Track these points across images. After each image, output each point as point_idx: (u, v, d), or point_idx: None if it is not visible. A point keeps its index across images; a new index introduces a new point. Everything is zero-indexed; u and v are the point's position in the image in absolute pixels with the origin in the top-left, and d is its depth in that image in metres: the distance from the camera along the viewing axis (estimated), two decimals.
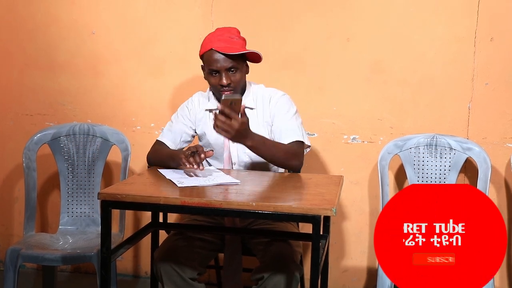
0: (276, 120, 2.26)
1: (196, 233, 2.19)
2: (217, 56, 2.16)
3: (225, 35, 2.20)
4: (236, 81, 2.19)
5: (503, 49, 2.65)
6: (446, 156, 2.62)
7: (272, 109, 2.28)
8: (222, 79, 2.17)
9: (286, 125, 2.23)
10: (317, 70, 2.82)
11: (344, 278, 2.94)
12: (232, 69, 2.18)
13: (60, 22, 3.00)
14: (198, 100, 2.38)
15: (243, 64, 2.23)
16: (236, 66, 2.18)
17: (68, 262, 2.39)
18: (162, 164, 2.24)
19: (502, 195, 2.74)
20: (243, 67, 2.23)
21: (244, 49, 2.20)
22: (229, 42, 2.18)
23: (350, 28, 2.76)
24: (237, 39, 2.21)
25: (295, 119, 2.27)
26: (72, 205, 2.76)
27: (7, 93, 3.10)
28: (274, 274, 1.97)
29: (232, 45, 2.18)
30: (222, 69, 2.16)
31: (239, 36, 2.25)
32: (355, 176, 2.85)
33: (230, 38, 2.19)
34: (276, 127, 2.25)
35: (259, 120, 2.28)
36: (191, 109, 2.37)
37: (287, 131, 2.22)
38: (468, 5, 2.65)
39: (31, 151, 2.69)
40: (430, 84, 2.73)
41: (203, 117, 2.35)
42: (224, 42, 2.17)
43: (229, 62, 2.16)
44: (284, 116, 2.25)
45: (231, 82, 2.18)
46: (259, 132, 2.18)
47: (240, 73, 2.20)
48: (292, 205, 1.70)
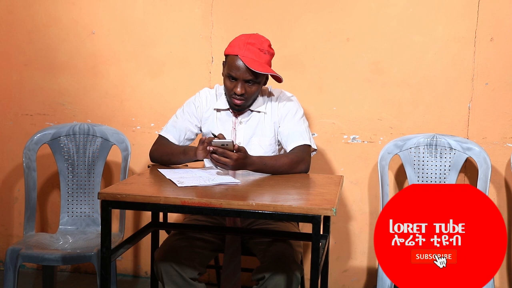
0: (283, 123, 2.27)
1: (196, 233, 2.20)
2: (240, 64, 2.14)
3: (256, 45, 2.16)
4: (250, 93, 2.19)
5: (503, 49, 2.65)
6: (446, 156, 2.62)
7: (280, 111, 2.29)
8: (237, 88, 2.16)
9: (293, 128, 2.25)
10: (317, 70, 2.82)
11: (344, 278, 2.94)
12: (251, 81, 2.17)
13: (59, 23, 3.00)
14: (206, 97, 2.36)
15: (263, 78, 2.21)
16: (255, 80, 2.17)
17: (68, 262, 2.39)
18: (167, 159, 2.24)
19: (502, 195, 2.74)
20: (262, 80, 2.22)
21: (268, 68, 2.17)
22: (257, 55, 2.15)
23: (350, 29, 2.77)
24: (265, 53, 2.17)
25: (302, 122, 2.29)
26: (72, 205, 2.76)
27: (7, 93, 3.10)
28: (275, 274, 1.97)
29: (259, 59, 2.15)
30: (241, 78, 2.15)
31: (269, 50, 2.20)
32: (355, 176, 2.85)
33: (259, 50, 2.16)
34: (283, 130, 2.27)
35: (267, 122, 2.29)
36: (198, 106, 2.35)
37: (294, 135, 2.24)
38: (468, 5, 2.66)
39: (31, 151, 2.69)
40: (430, 84, 2.73)
41: (210, 116, 2.33)
42: (252, 54, 2.14)
43: (249, 75, 2.14)
44: (292, 119, 2.27)
45: (245, 93, 2.17)
46: (267, 133, 2.25)
47: (257, 86, 2.19)
48: (292, 205, 1.70)
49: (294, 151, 2.22)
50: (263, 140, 2.29)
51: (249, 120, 2.30)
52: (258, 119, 2.30)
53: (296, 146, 2.22)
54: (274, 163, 2.14)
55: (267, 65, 2.18)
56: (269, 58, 2.20)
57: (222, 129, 2.30)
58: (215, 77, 2.87)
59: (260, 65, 2.14)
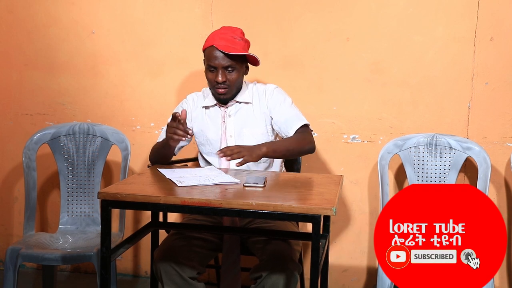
0: (275, 112, 2.32)
1: (195, 232, 2.20)
2: (217, 53, 2.20)
3: (229, 34, 2.24)
4: (231, 80, 2.24)
5: (503, 49, 2.65)
6: (446, 156, 2.62)
7: (268, 101, 2.33)
8: (218, 76, 2.22)
9: (288, 114, 2.30)
10: (317, 70, 2.82)
11: (344, 277, 2.94)
12: (230, 68, 2.22)
13: (59, 23, 3.00)
14: (192, 99, 2.43)
15: (242, 65, 2.27)
16: (234, 66, 2.22)
17: (68, 261, 2.39)
18: (160, 157, 2.31)
19: (502, 195, 2.74)
20: (242, 68, 2.27)
21: (244, 51, 2.25)
22: (231, 41, 2.22)
23: (350, 29, 2.76)
24: (239, 39, 2.25)
25: (294, 107, 2.35)
26: (72, 205, 2.76)
27: (7, 93, 3.09)
28: (273, 272, 1.98)
29: (233, 45, 2.22)
30: (220, 66, 2.21)
31: (243, 37, 2.29)
32: (355, 176, 2.85)
33: (232, 38, 2.24)
34: (279, 118, 2.31)
35: (256, 113, 2.33)
36: (186, 107, 2.39)
37: (292, 119, 2.29)
38: (468, 5, 2.65)
39: (31, 151, 2.69)
40: (430, 84, 2.73)
41: (199, 114, 2.38)
42: (226, 41, 2.21)
43: (227, 61, 2.20)
44: (282, 106, 2.32)
45: (226, 80, 2.23)
46: (257, 123, 2.31)
47: (237, 73, 2.24)
48: (292, 205, 1.70)
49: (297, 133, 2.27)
50: (255, 131, 2.32)
51: (237, 112, 2.33)
52: (246, 110, 2.33)
53: (297, 129, 2.27)
54: (282, 141, 2.23)
55: (242, 50, 2.23)
56: (244, 44, 2.27)
57: (211, 124, 2.34)
58: None
59: (235, 49, 2.20)
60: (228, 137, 2.31)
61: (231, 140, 2.31)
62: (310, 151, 2.26)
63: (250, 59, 2.30)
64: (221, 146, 2.31)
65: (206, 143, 2.35)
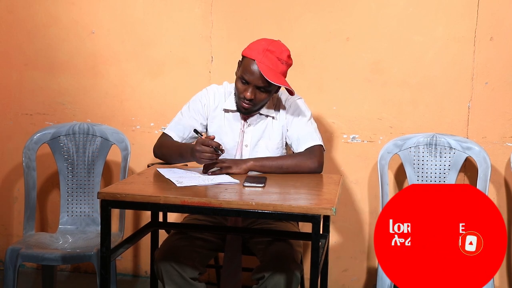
0: (291, 127, 2.26)
1: (196, 232, 2.19)
2: (255, 70, 2.09)
3: (275, 54, 2.11)
4: (259, 100, 2.15)
5: (503, 49, 2.65)
6: (446, 156, 2.62)
7: (288, 114, 2.28)
8: (248, 92, 2.12)
9: (302, 131, 2.24)
10: (317, 70, 2.82)
11: (344, 277, 2.94)
12: (262, 89, 2.13)
13: (59, 23, 3.00)
14: (213, 95, 2.31)
15: (274, 88, 2.18)
16: (268, 89, 2.14)
17: (67, 261, 2.39)
18: (170, 158, 2.25)
19: (502, 195, 2.74)
20: (273, 90, 2.19)
21: (282, 79, 2.12)
22: (275, 64, 2.10)
23: (350, 29, 2.77)
24: (283, 63, 2.13)
25: (311, 124, 2.27)
26: (72, 205, 2.76)
27: (6, 93, 3.09)
28: (275, 273, 1.97)
29: (276, 68, 2.10)
30: (253, 83, 2.12)
31: (288, 60, 2.16)
32: (355, 176, 2.85)
33: (277, 59, 2.11)
34: (293, 133, 2.25)
35: (275, 126, 2.28)
36: (205, 104, 2.30)
37: (305, 137, 2.23)
38: (468, 5, 2.65)
39: (30, 151, 2.69)
40: (430, 84, 2.73)
41: (217, 115, 2.29)
42: (269, 62, 2.09)
43: (261, 82, 2.10)
44: (300, 122, 2.26)
45: (254, 99, 2.14)
46: (274, 136, 2.26)
47: (267, 94, 2.16)
48: (292, 205, 1.70)
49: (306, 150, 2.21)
50: (270, 144, 2.27)
51: (258, 123, 2.28)
52: (267, 123, 2.28)
53: (306, 148, 2.21)
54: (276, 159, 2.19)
55: (282, 76, 2.13)
56: (286, 69, 2.15)
57: (229, 130, 2.27)
58: (215, 76, 2.87)
59: (275, 75, 2.09)
60: (244, 146, 2.26)
61: (246, 150, 2.26)
62: (314, 171, 2.18)
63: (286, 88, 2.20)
64: (236, 155, 2.26)
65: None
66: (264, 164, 2.14)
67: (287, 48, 2.17)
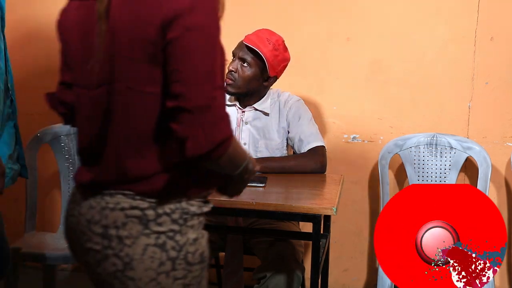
0: (292, 128, 2.28)
1: None
2: (241, 43, 2.20)
3: (265, 35, 2.19)
4: (241, 76, 2.18)
5: (503, 49, 2.65)
6: (446, 155, 2.62)
7: (288, 114, 2.29)
8: (233, 64, 2.17)
9: (304, 132, 2.26)
10: (317, 70, 2.82)
11: (344, 277, 2.94)
12: (245, 62, 2.17)
13: None
14: None
15: (258, 67, 2.19)
16: (250, 62, 2.17)
17: (68, 261, 2.40)
18: None
19: (502, 195, 2.74)
20: (257, 69, 2.20)
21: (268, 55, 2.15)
22: (260, 40, 2.17)
23: (350, 28, 2.77)
24: (270, 43, 2.17)
25: (312, 125, 2.30)
26: None
27: None
28: (276, 273, 1.98)
29: (260, 43, 2.16)
30: (237, 55, 2.18)
31: (277, 46, 2.19)
32: (355, 176, 2.85)
33: (265, 39, 2.17)
34: (294, 134, 2.27)
35: (274, 126, 2.29)
36: None
37: (307, 138, 2.25)
38: (468, 5, 2.65)
39: (31, 151, 2.69)
40: (430, 84, 2.73)
41: None
42: (256, 38, 2.18)
43: (244, 53, 2.16)
44: (301, 123, 2.27)
45: (236, 71, 2.17)
46: (274, 137, 2.26)
47: (251, 71, 2.18)
48: (292, 205, 1.71)
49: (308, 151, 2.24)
50: (270, 144, 2.28)
51: (254, 121, 2.29)
52: (265, 121, 2.29)
53: (309, 149, 2.24)
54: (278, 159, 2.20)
55: (266, 52, 2.16)
56: (272, 50, 2.17)
57: None
58: None
59: (257, 46, 2.14)
60: (242, 144, 2.27)
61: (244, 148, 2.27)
62: (316, 171, 2.21)
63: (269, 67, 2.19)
64: None
65: None
66: (267, 165, 2.14)
67: (280, 37, 2.23)
